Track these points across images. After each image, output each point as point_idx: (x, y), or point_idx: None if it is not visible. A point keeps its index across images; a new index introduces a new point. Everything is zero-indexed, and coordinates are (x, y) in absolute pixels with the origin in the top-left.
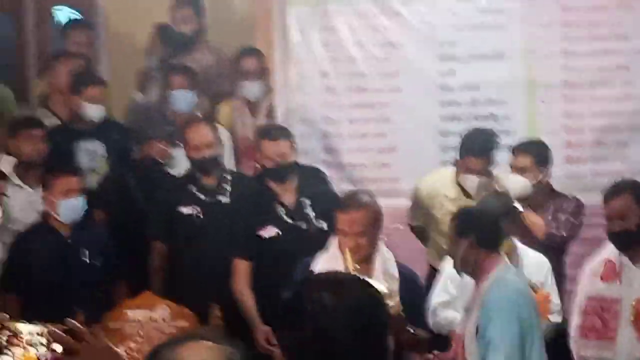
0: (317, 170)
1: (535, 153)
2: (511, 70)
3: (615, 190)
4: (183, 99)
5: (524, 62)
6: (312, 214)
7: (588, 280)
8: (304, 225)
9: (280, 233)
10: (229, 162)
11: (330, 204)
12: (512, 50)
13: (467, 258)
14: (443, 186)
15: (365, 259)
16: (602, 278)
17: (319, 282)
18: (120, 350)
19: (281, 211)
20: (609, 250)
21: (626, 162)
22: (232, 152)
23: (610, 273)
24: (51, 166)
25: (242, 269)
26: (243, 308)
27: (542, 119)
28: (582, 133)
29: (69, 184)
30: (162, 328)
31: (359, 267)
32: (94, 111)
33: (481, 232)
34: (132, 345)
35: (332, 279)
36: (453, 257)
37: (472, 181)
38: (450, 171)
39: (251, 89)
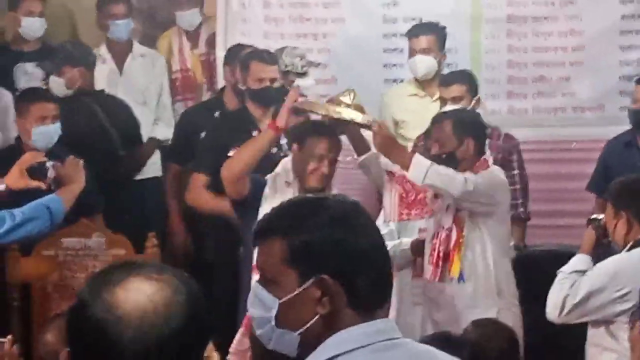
0: None
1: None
2: (456, 3)
3: (439, 117)
4: (123, 28)
5: None
6: (284, 141)
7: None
8: (273, 150)
9: None
10: (166, 93)
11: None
12: None
13: None
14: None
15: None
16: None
17: None
18: (54, 278)
19: (255, 134)
20: None
21: (568, 97)
22: (168, 83)
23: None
24: (25, 93)
25: (198, 182)
26: (205, 208)
27: (486, 53)
28: (525, 68)
29: (44, 110)
30: (97, 256)
31: None
32: (33, 26)
33: None
34: (66, 273)
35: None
36: None
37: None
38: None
39: (186, 18)
